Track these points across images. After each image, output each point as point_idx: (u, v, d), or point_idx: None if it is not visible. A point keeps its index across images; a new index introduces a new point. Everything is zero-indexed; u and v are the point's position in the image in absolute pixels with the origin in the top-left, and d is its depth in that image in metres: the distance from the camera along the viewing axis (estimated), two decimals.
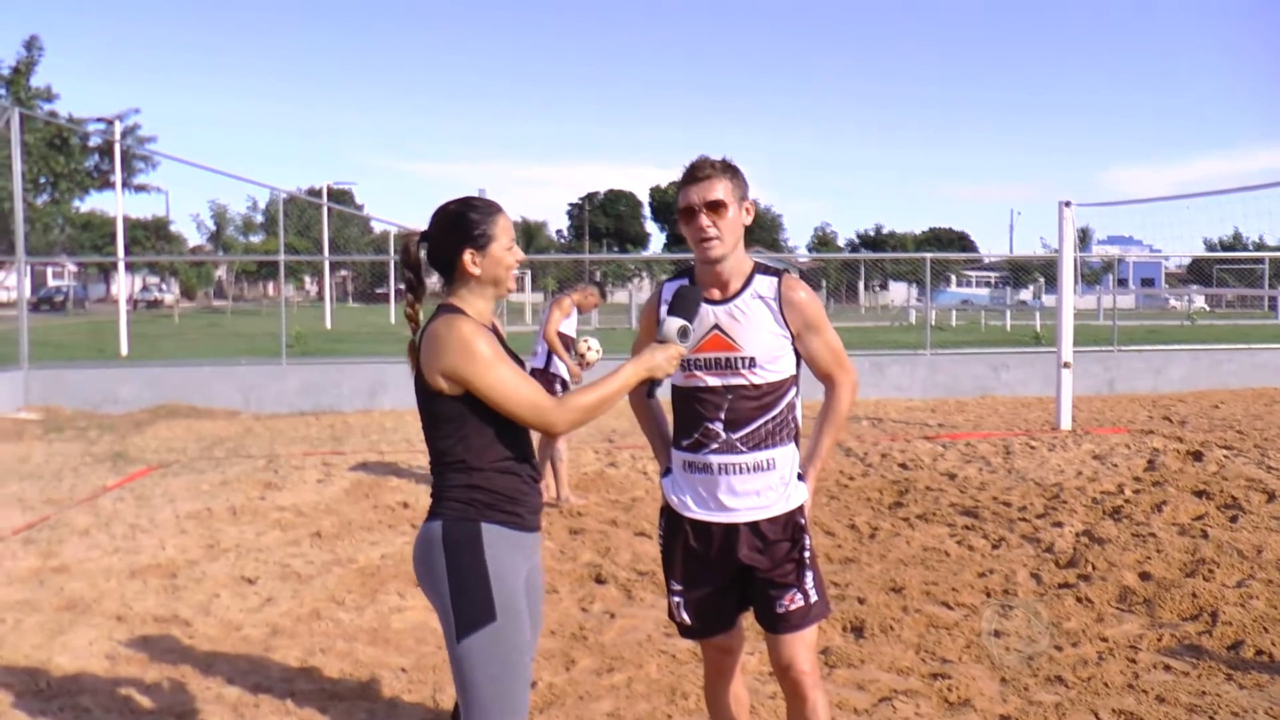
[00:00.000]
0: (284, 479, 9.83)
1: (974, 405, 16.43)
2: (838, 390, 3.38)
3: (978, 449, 11.52)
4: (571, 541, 7.49)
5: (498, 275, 2.96)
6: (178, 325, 40.33)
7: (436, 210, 2.98)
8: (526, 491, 2.95)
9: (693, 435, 3.29)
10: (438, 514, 2.89)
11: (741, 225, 3.25)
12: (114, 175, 28.74)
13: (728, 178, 3.20)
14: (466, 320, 2.85)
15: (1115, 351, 18.84)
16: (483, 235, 2.91)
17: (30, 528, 7.92)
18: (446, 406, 2.85)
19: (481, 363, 2.79)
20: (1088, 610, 5.75)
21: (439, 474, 2.92)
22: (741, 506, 3.25)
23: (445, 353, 2.80)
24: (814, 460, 3.39)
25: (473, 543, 2.83)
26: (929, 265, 20.32)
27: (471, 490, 2.86)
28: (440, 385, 2.83)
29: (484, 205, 2.96)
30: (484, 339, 2.82)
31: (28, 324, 16.89)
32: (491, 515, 2.86)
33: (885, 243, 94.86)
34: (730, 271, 3.25)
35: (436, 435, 2.90)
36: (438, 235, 2.95)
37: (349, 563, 6.84)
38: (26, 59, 29.52)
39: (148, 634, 5.49)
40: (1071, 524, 7.67)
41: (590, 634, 5.51)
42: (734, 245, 3.22)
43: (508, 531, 2.88)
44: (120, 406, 16.00)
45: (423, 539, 2.90)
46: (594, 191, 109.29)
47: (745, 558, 3.25)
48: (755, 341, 3.21)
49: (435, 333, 2.84)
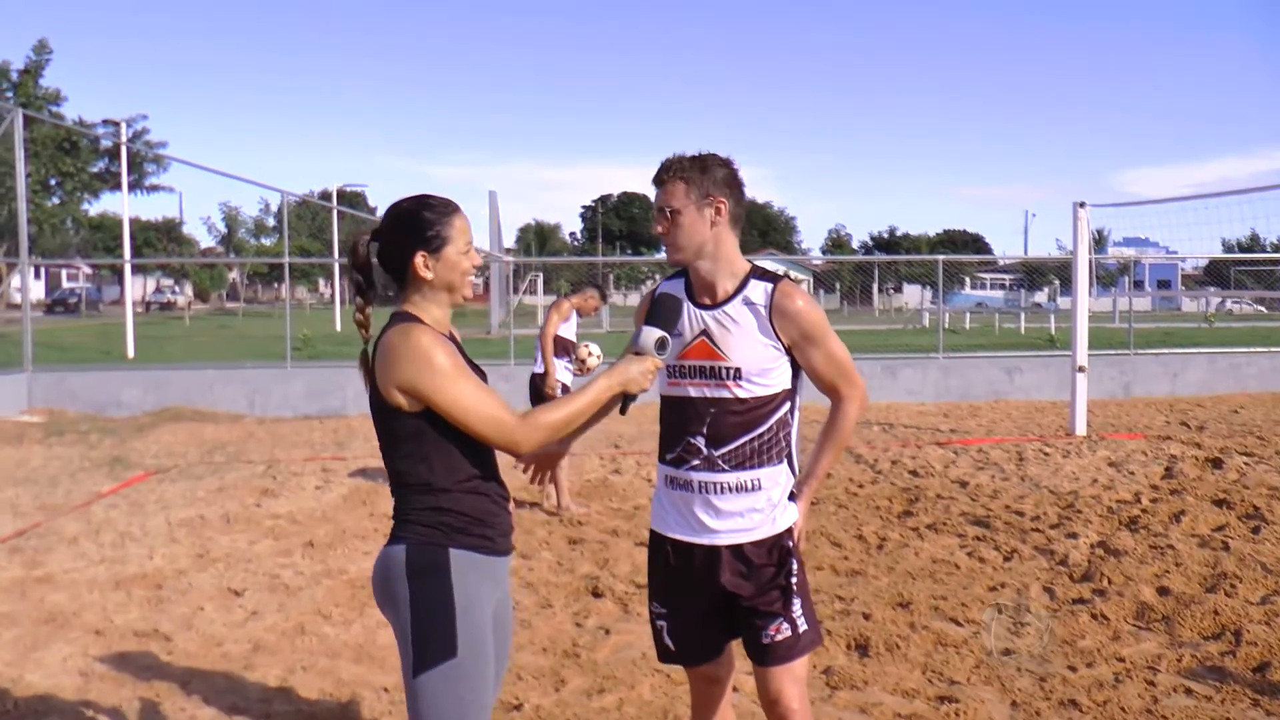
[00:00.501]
0: (282, 485, 9.65)
1: (987, 410, 16.17)
2: (842, 406, 3.13)
3: (990, 455, 11.27)
4: (570, 552, 7.28)
5: (452, 281, 2.73)
6: (187, 327, 40.29)
7: (390, 208, 2.77)
8: (496, 512, 2.73)
9: (675, 449, 3.08)
10: (401, 537, 2.67)
11: (707, 227, 3.03)
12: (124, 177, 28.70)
13: (684, 180, 3.01)
14: (423, 329, 2.63)
15: (1131, 355, 18.55)
16: (437, 237, 2.69)
17: (18, 535, 7.75)
18: (405, 424, 2.64)
19: (441, 375, 2.57)
20: (1103, 628, 5.51)
21: (400, 496, 2.71)
22: (724, 528, 3.03)
23: (401, 365, 2.58)
24: (809, 480, 3.14)
25: (439, 570, 2.62)
26: (942, 268, 20.03)
27: (438, 513, 2.64)
28: (397, 400, 2.61)
29: (440, 204, 2.73)
30: (443, 349, 2.60)
31: (33, 326, 16.79)
32: (460, 540, 2.65)
33: (899, 245, 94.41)
34: (718, 275, 3.05)
35: (395, 455, 2.69)
36: (389, 235, 2.72)
37: (339, 574, 6.64)
38: (35, 61, 29.47)
39: (126, 650, 5.29)
40: (1086, 535, 7.42)
41: (583, 651, 5.30)
42: (698, 250, 3.03)
43: (478, 557, 2.67)
44: (124, 410, 15.87)
45: (384, 563, 2.68)
46: (607, 194, 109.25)
47: (728, 583, 3.03)
48: (742, 351, 2.99)
49: (390, 343, 2.62)
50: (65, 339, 28.82)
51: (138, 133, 33.49)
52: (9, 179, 18.19)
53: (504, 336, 22.25)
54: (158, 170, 37.38)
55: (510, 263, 31.92)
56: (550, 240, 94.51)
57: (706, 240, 3.02)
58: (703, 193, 3.01)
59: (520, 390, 16.71)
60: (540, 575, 6.67)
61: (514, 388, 16.68)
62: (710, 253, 3.03)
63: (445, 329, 2.75)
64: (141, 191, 38.47)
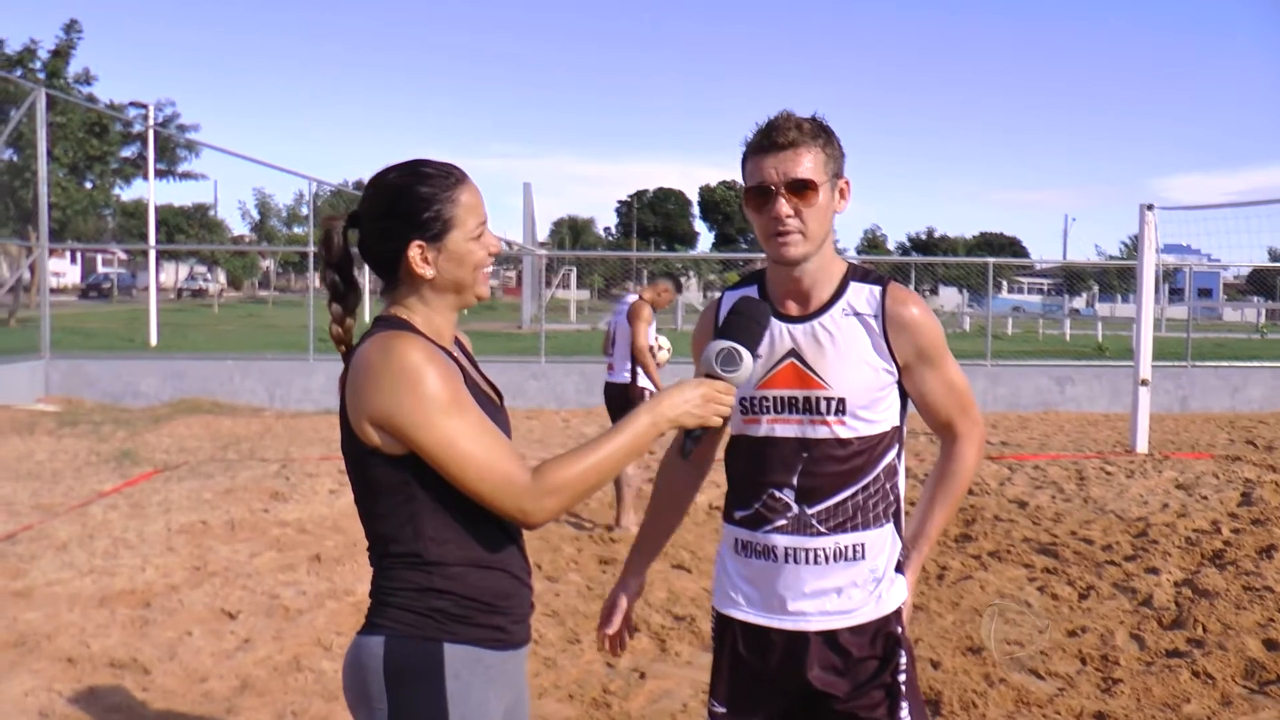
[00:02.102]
0: (294, 488, 9.05)
1: (1037, 421, 15.42)
2: (959, 446, 2.42)
3: (1048, 472, 10.56)
4: (601, 575, 6.64)
5: (460, 278, 2.02)
6: (215, 315, 39.95)
7: (371, 181, 2.04)
8: (511, 592, 2.02)
9: (751, 506, 2.35)
10: (379, 625, 1.97)
11: (833, 214, 2.31)
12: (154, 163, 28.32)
13: (820, 146, 2.25)
14: (412, 341, 1.92)
15: (1189, 367, 17.72)
16: (436, 219, 1.97)
17: (6, 539, 7.19)
18: (384, 472, 1.93)
19: (429, 407, 1.86)
20: (1209, 690, 4.79)
21: (381, 568, 2.00)
22: (814, 610, 2.31)
23: (377, 390, 1.88)
24: (920, 544, 2.43)
25: (430, 674, 1.92)
26: (991, 270, 19.20)
27: (429, 595, 1.95)
28: (372, 438, 1.91)
29: (439, 173, 2.00)
30: (437, 370, 1.89)
31: (63, 311, 16.37)
32: (459, 632, 1.95)
33: (936, 246, 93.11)
34: (814, 277, 2.32)
35: (374, 512, 1.98)
36: (373, 219, 2.01)
37: (345, 595, 6.03)
38: (65, 42, 29.09)
39: (97, 684, 4.68)
40: (1168, 570, 6.71)
41: (615, 700, 4.65)
42: (822, 242, 2.29)
43: (483, 653, 1.97)
44: (141, 399, 15.40)
45: (356, 659, 1.98)
46: (643, 189, 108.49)
47: (817, 679, 2.31)
48: (847, 377, 2.28)
49: (365, 361, 1.91)
50: (92, 325, 28.47)
51: (168, 118, 33.14)
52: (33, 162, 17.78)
53: (535, 331, 21.67)
54: (189, 156, 37.08)
55: (544, 256, 31.33)
56: (584, 235, 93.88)
57: (830, 231, 2.31)
58: (836, 168, 2.29)
59: (553, 389, 16.34)
60: (568, 602, 6.03)
61: (545, 386, 16.14)
62: (824, 249, 2.31)
63: (448, 340, 2.06)
64: (173, 178, 38.22)
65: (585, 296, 55.49)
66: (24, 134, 21.26)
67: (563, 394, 16.12)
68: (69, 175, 28.35)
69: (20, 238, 24.83)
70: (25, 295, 28.48)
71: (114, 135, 30.46)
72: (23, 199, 24.98)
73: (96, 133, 28.98)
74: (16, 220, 25.83)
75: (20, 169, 24.38)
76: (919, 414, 2.44)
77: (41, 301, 16.85)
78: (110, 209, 37.81)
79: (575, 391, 16.10)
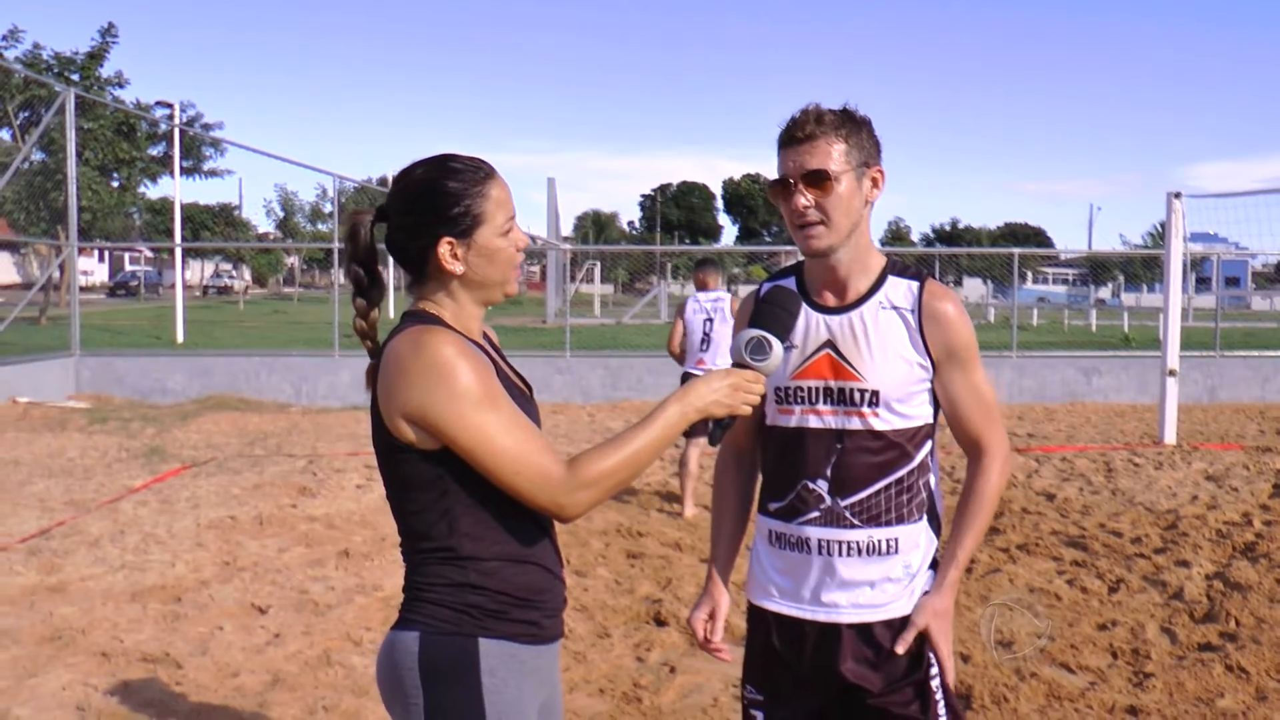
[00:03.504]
0: (321, 483, 9.11)
1: (1063, 413, 15.33)
2: (985, 461, 2.37)
3: (1075, 465, 10.49)
4: (629, 570, 6.64)
5: (489, 274, 2.02)
6: (240, 313, 40.18)
7: (399, 176, 2.04)
8: (545, 587, 2.03)
9: (785, 498, 2.36)
10: (414, 621, 1.98)
11: (862, 204, 2.30)
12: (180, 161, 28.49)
13: (841, 137, 2.25)
14: (443, 335, 1.92)
15: (1217, 357, 17.57)
16: (466, 215, 1.97)
17: (40, 534, 7.26)
18: (417, 467, 1.94)
19: (464, 402, 1.87)
20: (1244, 684, 4.75)
21: (414, 563, 2.01)
22: (847, 602, 2.31)
23: (410, 385, 1.89)
24: (950, 565, 2.36)
25: (465, 669, 1.93)
26: (1017, 261, 19.09)
27: (465, 591, 1.96)
28: (405, 434, 1.92)
29: (469, 168, 2.00)
30: (470, 365, 1.90)
31: (93, 309, 16.53)
32: (495, 627, 1.97)
33: (961, 237, 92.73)
34: (850, 269, 2.32)
35: (407, 508, 1.99)
36: (401, 214, 2.00)
37: (374, 590, 6.06)
38: (101, 45, 29.30)
39: (130, 678, 4.72)
40: (1199, 563, 6.66)
41: (645, 694, 4.66)
42: (849, 232, 2.28)
43: (518, 648, 1.99)
44: (169, 396, 15.53)
45: (391, 654, 2.00)
46: (666, 183, 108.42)
47: (849, 673, 2.31)
48: (882, 369, 2.28)
49: (396, 355, 1.92)
50: (120, 322, 28.71)
51: (192, 118, 33.30)
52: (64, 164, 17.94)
53: (560, 326, 21.69)
54: (215, 154, 37.27)
55: (568, 250, 31.36)
56: (608, 229, 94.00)
57: (859, 221, 2.30)
58: (863, 157, 2.28)
59: (579, 383, 16.35)
60: (596, 597, 6.04)
61: (570, 380, 16.16)
62: (855, 239, 2.31)
63: (476, 335, 2.06)
64: (199, 176, 38.40)
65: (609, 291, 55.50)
66: (55, 137, 21.43)
67: (589, 388, 16.15)
68: (99, 177, 28.56)
69: (50, 237, 25.03)
70: (55, 294, 28.73)
71: (142, 136, 30.65)
72: (54, 200, 25.18)
73: (125, 134, 29.16)
74: (47, 221, 26.05)
75: (52, 171, 24.60)
76: (948, 426, 2.42)
77: (72, 300, 17.00)
78: (137, 208, 38.06)
79: (601, 386, 16.12)
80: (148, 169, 32.68)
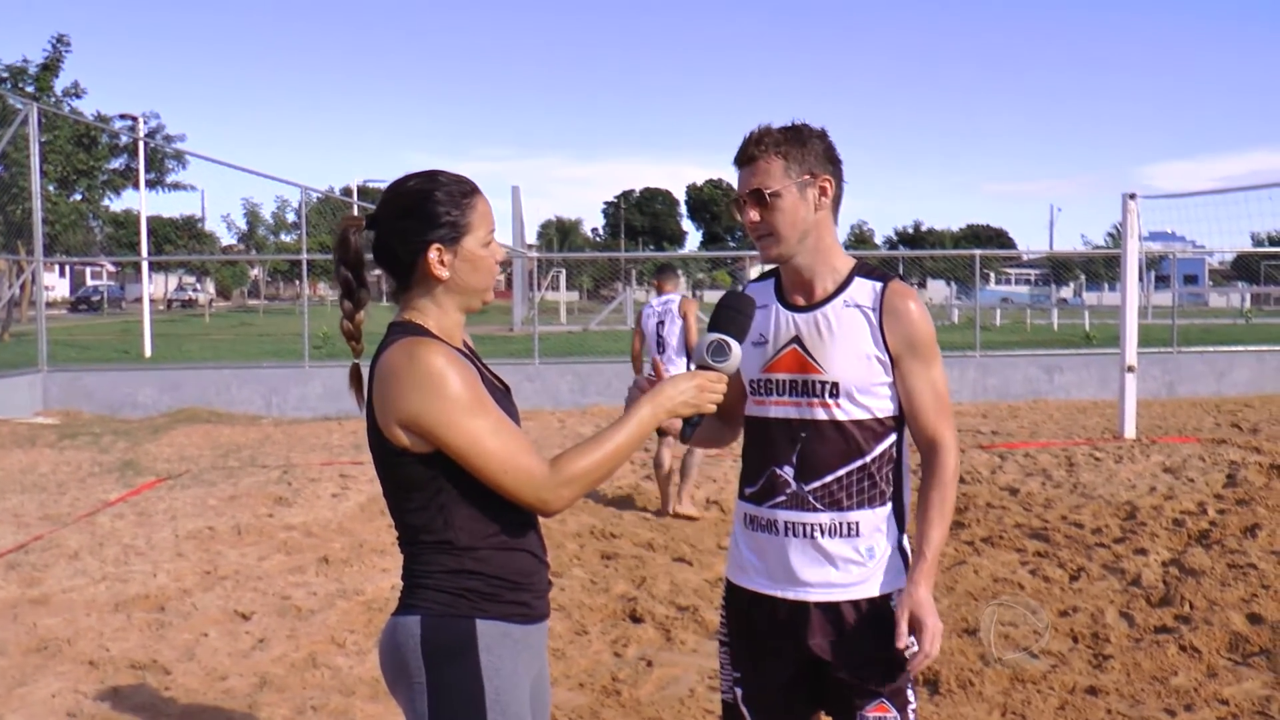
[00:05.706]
0: (297, 493, 9.18)
1: (1026, 410, 15.61)
2: (940, 457, 2.51)
3: (1038, 460, 10.72)
4: (604, 570, 6.79)
5: (473, 281, 2.20)
6: (206, 325, 40.00)
7: (390, 188, 2.22)
8: (532, 570, 2.21)
9: (757, 482, 2.55)
10: (414, 606, 2.14)
11: (810, 213, 2.50)
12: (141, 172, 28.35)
13: (782, 156, 2.46)
14: (434, 346, 2.09)
15: (1175, 353, 17.94)
16: (454, 225, 2.16)
17: (18, 549, 7.32)
18: (414, 469, 2.11)
19: (455, 408, 2.04)
20: (1196, 662, 4.96)
21: (413, 555, 2.18)
22: (815, 580, 2.49)
23: (405, 394, 2.05)
24: (921, 563, 2.47)
25: (464, 649, 2.11)
26: (978, 262, 19.41)
27: (461, 577, 2.13)
28: (401, 439, 2.09)
29: (456, 183, 2.19)
30: (458, 373, 2.07)
31: (54, 325, 16.46)
32: (489, 608, 2.13)
33: (924, 240, 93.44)
34: (814, 271, 2.53)
35: (405, 506, 2.16)
36: (391, 223, 2.18)
37: (355, 595, 6.17)
38: (53, 56, 29.08)
39: (120, 684, 4.83)
40: (1156, 551, 6.89)
41: (624, 687, 4.81)
42: (798, 240, 2.49)
43: (511, 627, 2.16)
44: (139, 411, 15.50)
45: (394, 637, 2.16)
46: (630, 189, 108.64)
47: (816, 648, 2.49)
48: (842, 362, 2.46)
49: (391, 365, 2.09)
50: (84, 337, 28.55)
51: (154, 130, 33.10)
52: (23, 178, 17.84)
53: (527, 334, 21.79)
54: (178, 167, 37.05)
55: (533, 259, 31.46)
56: (571, 236, 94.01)
57: (809, 228, 2.50)
58: (804, 169, 2.48)
59: (548, 390, 16.45)
60: (573, 596, 6.18)
61: (540, 388, 16.27)
62: (811, 244, 2.51)
63: (458, 341, 2.23)
64: (162, 189, 38.18)
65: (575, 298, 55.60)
66: (9, 152, 21.31)
67: (558, 395, 16.28)
68: (58, 190, 28.36)
69: (9, 252, 24.86)
70: (17, 310, 28.50)
71: (102, 148, 30.44)
72: (11, 214, 24.99)
73: (85, 145, 28.96)
74: (6, 235, 25.86)
75: (8, 185, 24.42)
76: (906, 422, 2.56)
77: (38, 315, 16.94)
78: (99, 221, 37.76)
79: (570, 392, 16.25)
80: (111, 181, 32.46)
